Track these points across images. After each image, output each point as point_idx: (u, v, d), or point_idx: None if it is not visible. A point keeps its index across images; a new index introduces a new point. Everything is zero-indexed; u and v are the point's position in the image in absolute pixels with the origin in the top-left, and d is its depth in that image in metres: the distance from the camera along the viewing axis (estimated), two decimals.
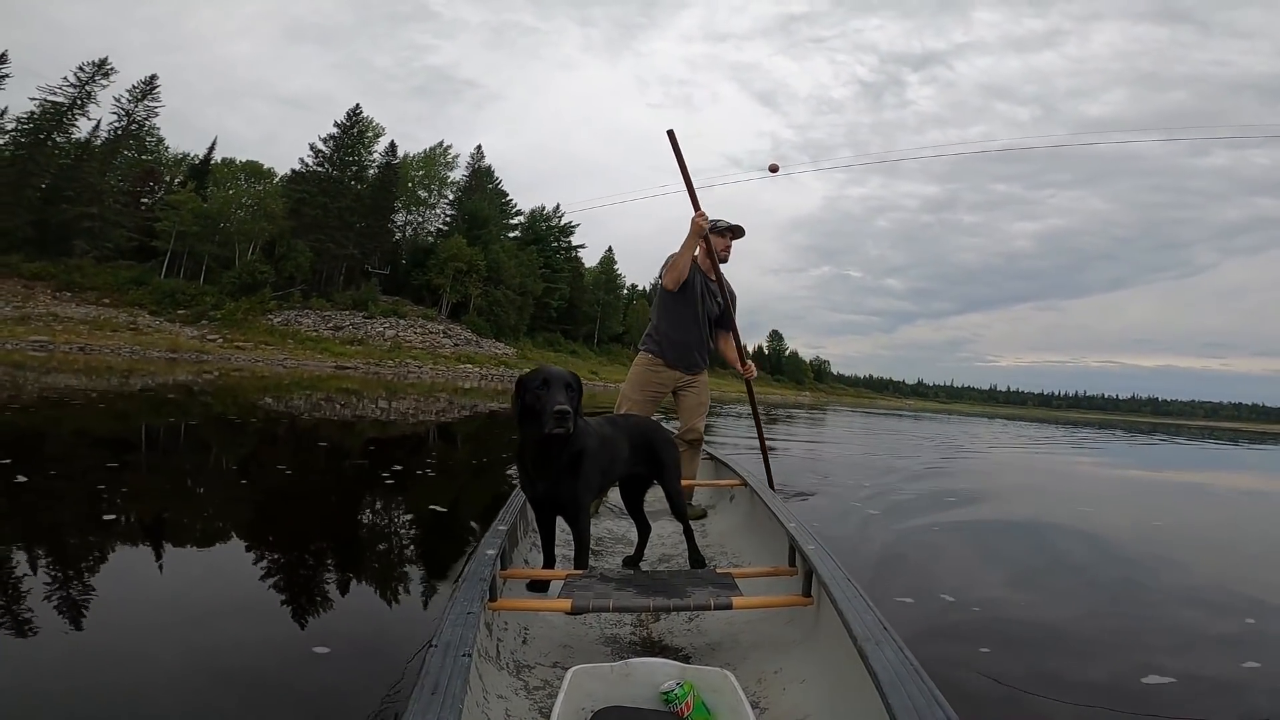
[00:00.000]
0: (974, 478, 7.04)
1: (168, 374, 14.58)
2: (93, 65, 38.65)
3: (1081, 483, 7.72)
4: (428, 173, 50.96)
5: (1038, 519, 4.63)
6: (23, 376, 10.89)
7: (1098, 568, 3.31)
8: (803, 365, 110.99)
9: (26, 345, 21.59)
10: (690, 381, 3.22)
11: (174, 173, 44.30)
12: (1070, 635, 2.20)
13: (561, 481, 1.83)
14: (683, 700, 1.27)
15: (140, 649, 1.71)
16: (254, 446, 5.84)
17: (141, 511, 3.14)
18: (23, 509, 3.01)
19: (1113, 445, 16.83)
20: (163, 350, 25.15)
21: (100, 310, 30.87)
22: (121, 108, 39.68)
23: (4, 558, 2.30)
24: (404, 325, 38.89)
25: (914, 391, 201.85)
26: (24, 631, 1.74)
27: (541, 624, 1.81)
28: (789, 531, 1.91)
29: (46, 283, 32.32)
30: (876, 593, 1.65)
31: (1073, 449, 13.95)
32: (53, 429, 5.70)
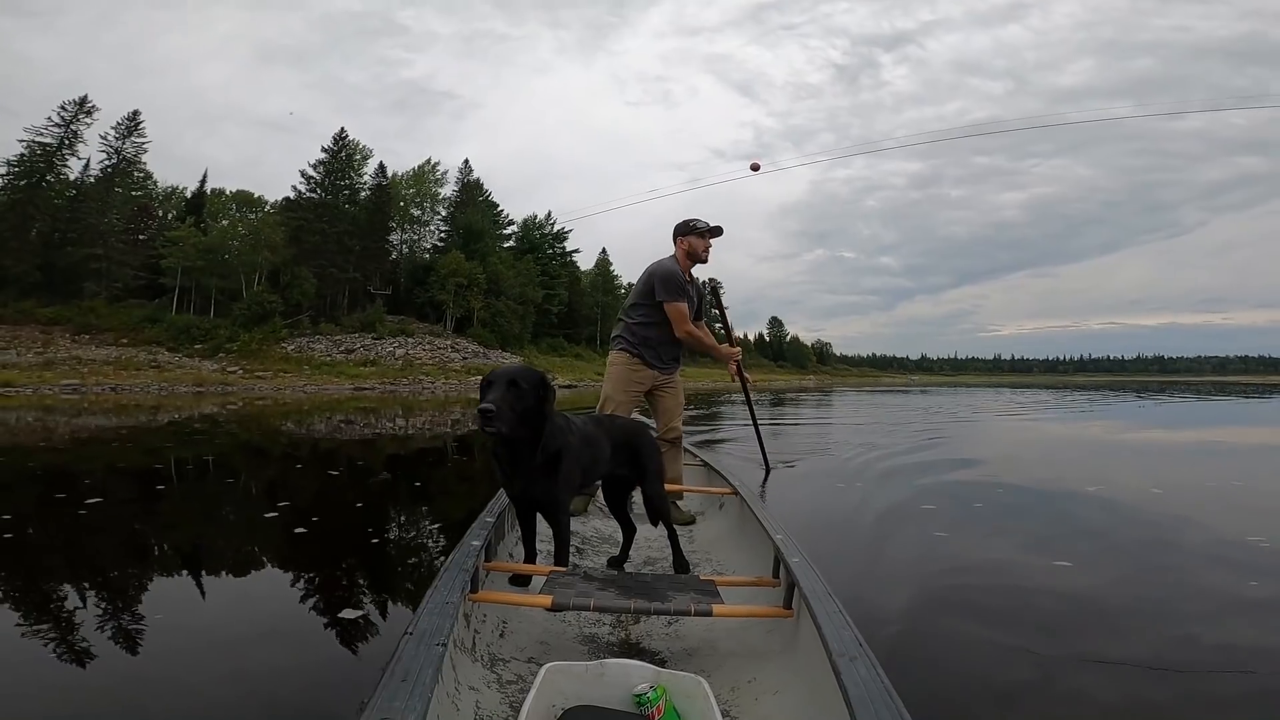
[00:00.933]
0: (973, 445, 7.31)
1: (194, 407, 15.23)
2: (74, 104, 39.14)
3: (1093, 448, 7.95)
4: (419, 190, 51.91)
5: (1055, 486, 4.80)
6: (63, 419, 11.44)
7: (1118, 532, 3.41)
8: (804, 349, 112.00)
9: (59, 389, 22.50)
10: (667, 381, 3.28)
11: (166, 207, 44.97)
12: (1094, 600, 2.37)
13: (537, 480, 1.84)
14: (654, 704, 1.27)
15: (173, 667, 1.86)
16: (281, 470, 6.11)
17: (173, 536, 3.39)
18: (72, 537, 3.29)
19: (1132, 408, 17.20)
20: (189, 385, 26.08)
21: (120, 350, 31.77)
22: (110, 145, 40.34)
23: (53, 588, 2.51)
24: (413, 343, 39.85)
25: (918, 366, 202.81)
26: (71, 658, 1.87)
27: (520, 618, 1.82)
28: (775, 543, 1.90)
29: (64, 326, 33.17)
30: (874, 593, 1.97)
31: (1083, 414, 14.22)
32: (95, 464, 6.07)
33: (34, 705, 1.65)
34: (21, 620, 2.17)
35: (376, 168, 46.73)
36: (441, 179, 53.03)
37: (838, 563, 2.70)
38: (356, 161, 45.83)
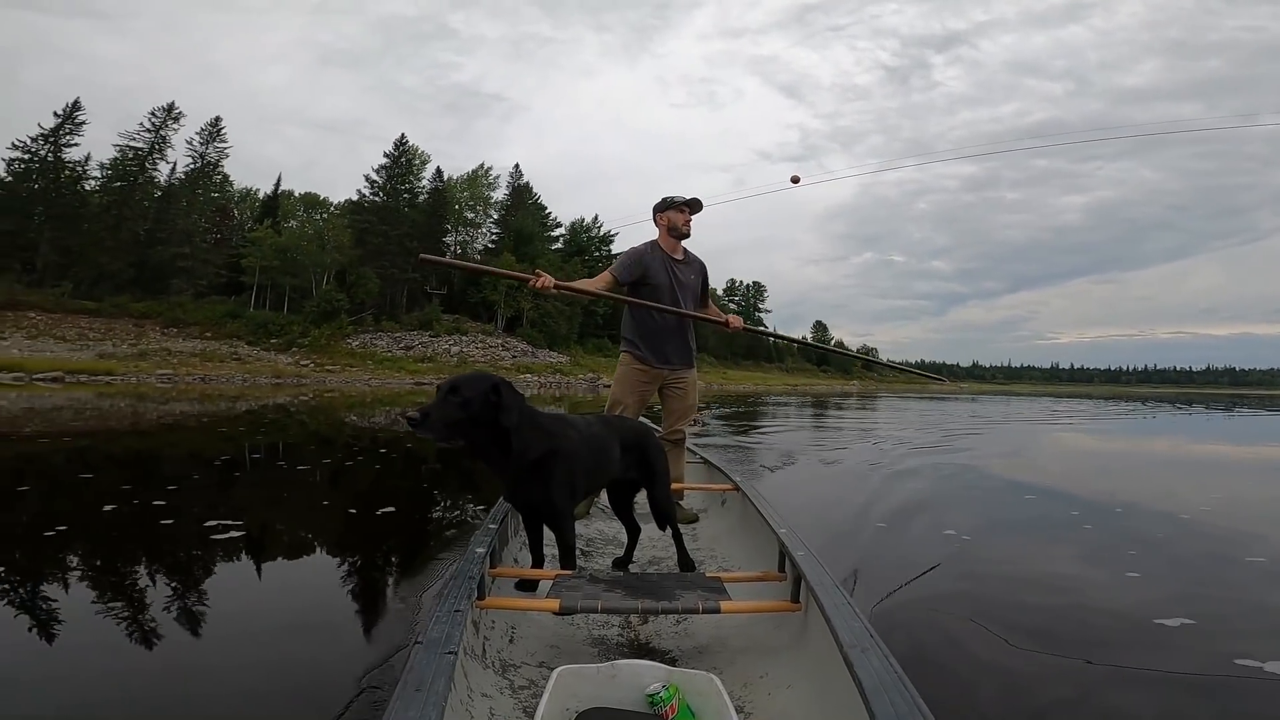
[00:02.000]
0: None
1: (270, 397, 16.68)
2: (163, 110, 42.42)
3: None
4: (472, 194, 54.10)
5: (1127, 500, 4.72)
6: (157, 405, 12.87)
7: (1176, 545, 3.38)
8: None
9: (155, 378, 24.94)
10: (677, 379, 3.10)
11: (242, 209, 48.21)
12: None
13: (527, 486, 1.82)
14: (668, 703, 1.27)
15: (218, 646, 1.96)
16: (347, 455, 6.57)
17: (232, 521, 3.48)
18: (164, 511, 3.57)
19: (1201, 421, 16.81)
20: (268, 377, 28.37)
21: (204, 343, 34.57)
22: (195, 150, 43.34)
23: (123, 569, 2.67)
24: (466, 341, 41.83)
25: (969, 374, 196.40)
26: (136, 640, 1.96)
27: (529, 623, 1.83)
28: (779, 537, 1.91)
29: (154, 320, 36.19)
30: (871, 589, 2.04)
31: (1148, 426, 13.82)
32: (183, 448, 7.03)
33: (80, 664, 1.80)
34: (91, 598, 2.33)
35: (434, 172, 49.20)
36: (493, 183, 55.25)
37: (850, 553, 2.92)
38: (416, 166, 48.30)
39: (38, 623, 2.09)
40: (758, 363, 76.06)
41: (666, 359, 3.06)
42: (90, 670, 1.78)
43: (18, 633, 1.99)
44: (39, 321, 33.11)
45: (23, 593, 2.37)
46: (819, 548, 1.82)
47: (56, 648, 1.93)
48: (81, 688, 1.68)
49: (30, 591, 2.38)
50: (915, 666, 1.26)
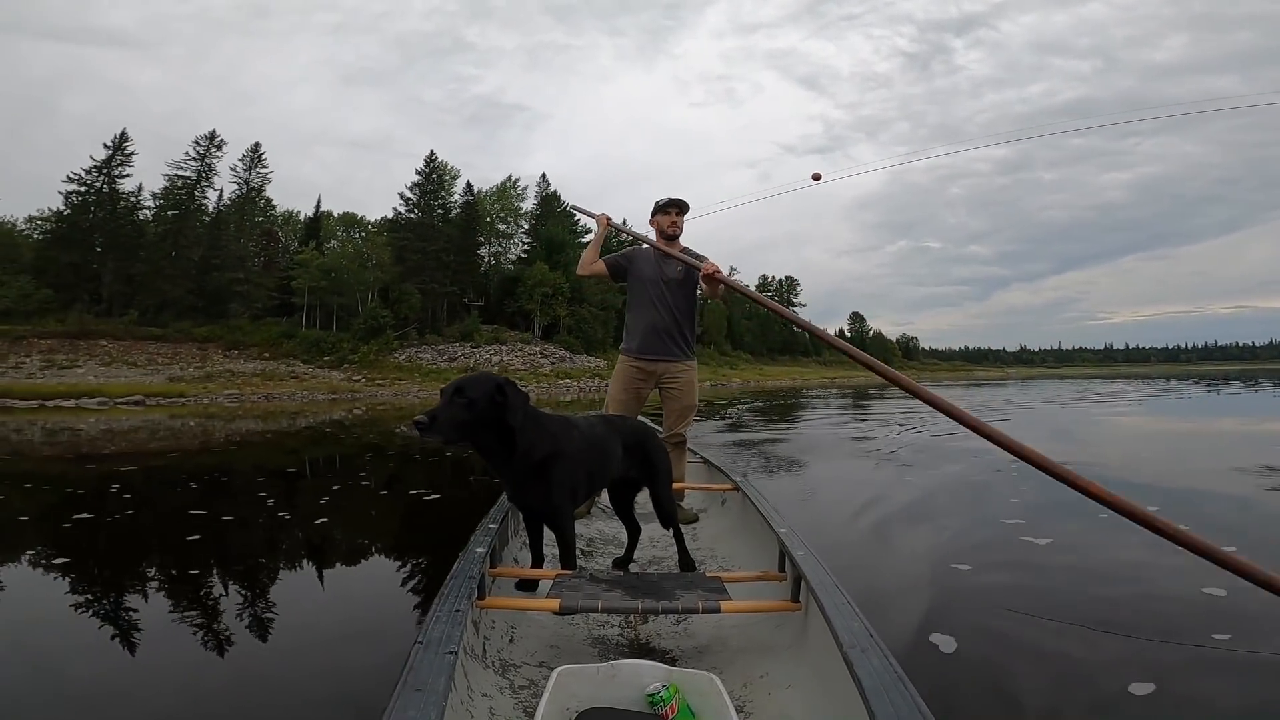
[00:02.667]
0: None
1: (327, 412, 17.57)
2: (206, 139, 44.35)
3: None
4: (502, 205, 55.42)
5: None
6: (225, 424, 13.89)
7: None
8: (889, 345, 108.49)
9: (223, 398, 26.57)
10: (674, 375, 3.07)
11: (286, 231, 50.11)
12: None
13: (529, 487, 1.83)
14: (668, 703, 1.28)
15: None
16: (397, 467, 6.89)
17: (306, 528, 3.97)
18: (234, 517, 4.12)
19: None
20: (325, 393, 29.86)
21: (264, 364, 36.45)
22: (239, 177, 45.36)
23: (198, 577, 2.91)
24: (506, 350, 43.05)
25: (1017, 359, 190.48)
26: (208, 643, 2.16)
27: (529, 623, 1.84)
28: (779, 537, 1.92)
29: (216, 343, 38.21)
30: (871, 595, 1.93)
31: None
32: (251, 461, 7.72)
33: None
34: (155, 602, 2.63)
35: (464, 186, 50.64)
36: (522, 194, 56.49)
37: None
38: (447, 182, 49.80)
39: (116, 626, 2.37)
40: (794, 357, 75.61)
41: (658, 351, 3.05)
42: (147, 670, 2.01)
43: (102, 634, 2.29)
44: (111, 349, 35.44)
45: (109, 600, 2.68)
46: (818, 546, 1.82)
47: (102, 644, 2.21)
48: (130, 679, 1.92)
49: (114, 599, 2.68)
50: (915, 666, 1.25)
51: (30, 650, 2.17)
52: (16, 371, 30.83)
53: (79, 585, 2.89)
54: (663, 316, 3.05)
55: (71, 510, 4.40)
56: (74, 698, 1.83)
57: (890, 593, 2.53)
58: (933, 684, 1.57)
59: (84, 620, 2.44)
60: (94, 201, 40.87)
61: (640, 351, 3.04)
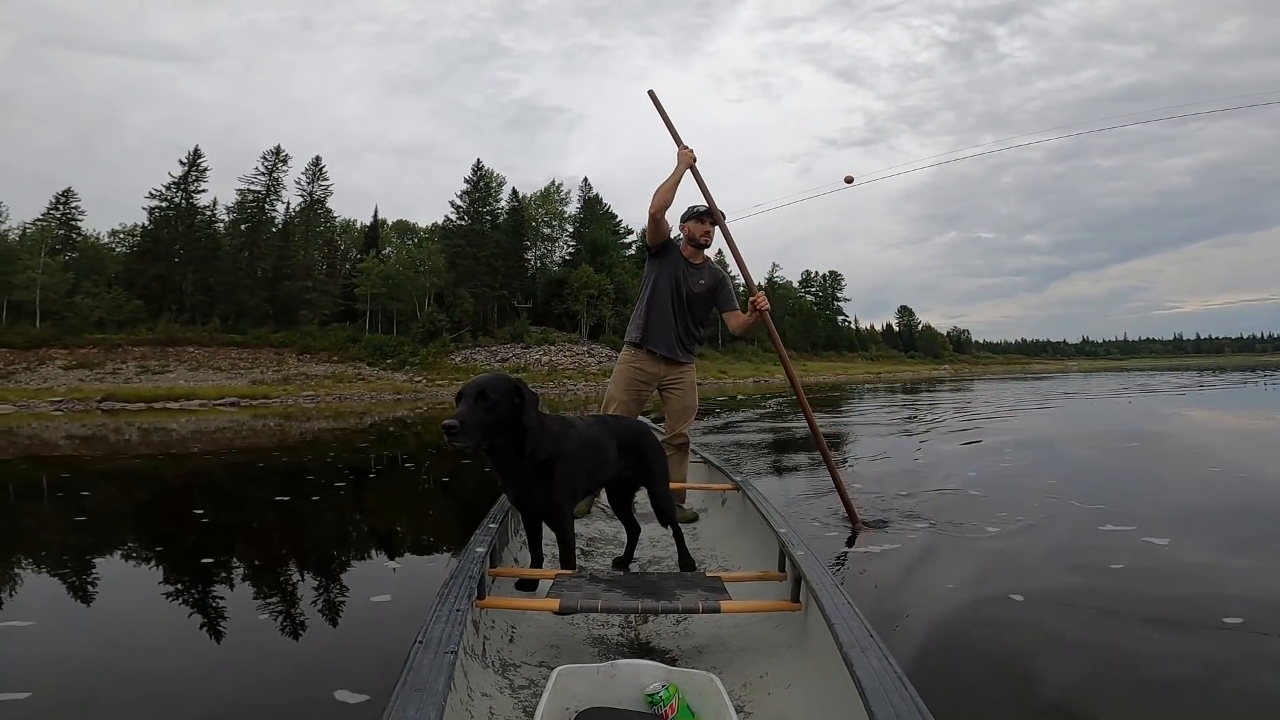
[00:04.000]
0: None
1: (391, 411, 18.82)
2: (272, 154, 47.54)
3: None
4: (547, 210, 57.27)
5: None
6: (303, 423, 15.01)
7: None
8: (939, 338, 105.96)
9: (301, 399, 28.93)
10: (676, 377, 3.10)
11: (344, 239, 52.78)
12: None
13: (532, 487, 1.84)
14: (668, 702, 1.28)
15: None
16: (455, 463, 7.09)
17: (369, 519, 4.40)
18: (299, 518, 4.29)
19: None
20: (390, 394, 32.07)
21: (333, 366, 39.16)
22: (303, 190, 48.22)
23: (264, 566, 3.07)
24: (555, 351, 44.83)
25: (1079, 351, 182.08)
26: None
27: (529, 623, 1.86)
28: (779, 536, 1.92)
29: (290, 348, 41.11)
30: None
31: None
32: (328, 455, 8.32)
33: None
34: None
35: (510, 193, 52.70)
36: (565, 198, 58.28)
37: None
38: (493, 189, 51.94)
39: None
40: (839, 352, 75.09)
41: (674, 351, 3.05)
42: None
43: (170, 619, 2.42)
44: (197, 355, 38.69)
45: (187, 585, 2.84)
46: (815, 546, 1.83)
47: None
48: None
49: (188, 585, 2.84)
50: (916, 667, 1.21)
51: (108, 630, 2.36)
52: (114, 377, 34.21)
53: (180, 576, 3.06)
54: (680, 323, 3.09)
55: (241, 488, 5.60)
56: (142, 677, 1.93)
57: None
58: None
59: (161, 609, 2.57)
60: (174, 216, 44.41)
61: (656, 347, 3.05)
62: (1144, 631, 2.07)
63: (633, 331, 3.10)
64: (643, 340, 3.04)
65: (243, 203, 46.82)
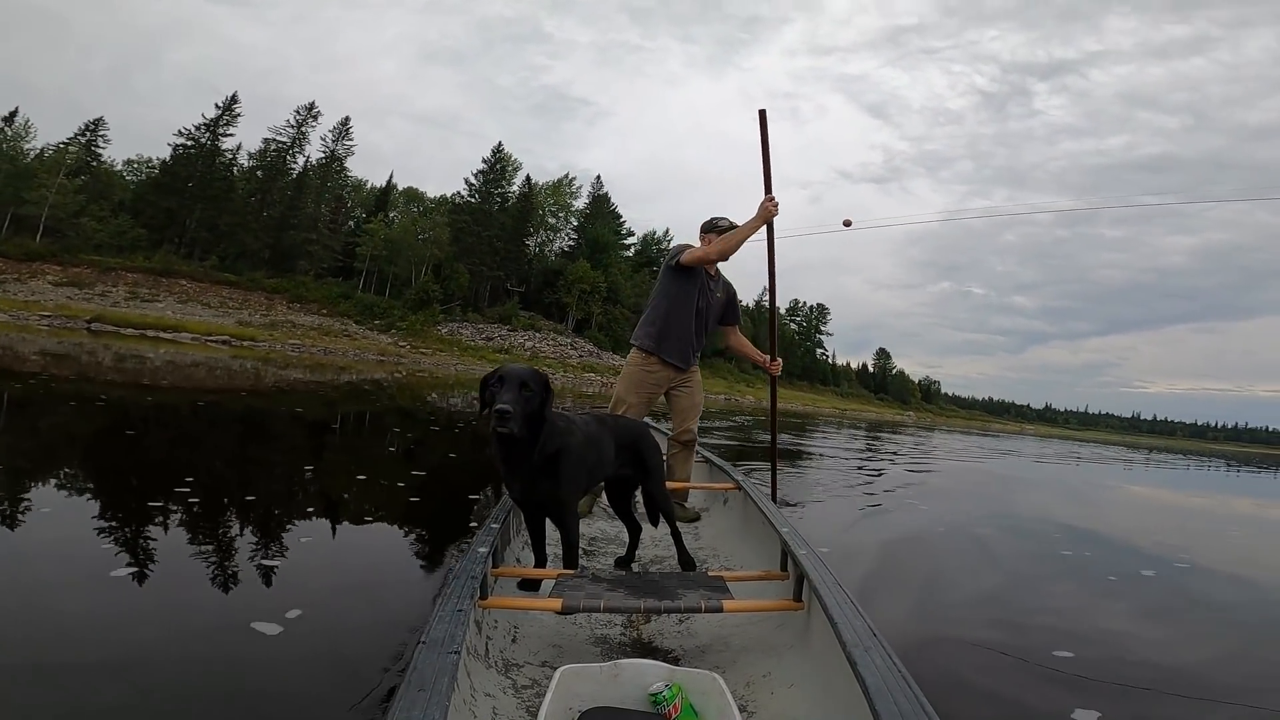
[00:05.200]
0: None
1: (371, 371, 19.71)
2: (305, 109, 48.42)
3: None
4: (556, 200, 58.36)
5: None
6: (282, 370, 15.81)
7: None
8: (909, 385, 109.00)
9: (286, 348, 29.76)
10: (684, 380, 3.15)
11: (353, 196, 53.29)
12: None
13: (539, 481, 1.84)
14: (670, 702, 1.28)
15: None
16: (423, 432, 7.49)
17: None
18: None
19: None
20: (374, 354, 33.07)
21: (321, 319, 39.97)
22: (328, 146, 49.07)
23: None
24: (539, 338, 46.11)
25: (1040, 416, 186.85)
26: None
27: (532, 623, 1.86)
28: (781, 536, 1.92)
29: (282, 295, 41.83)
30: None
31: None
32: (295, 405, 9.26)
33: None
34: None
35: (524, 179, 53.80)
36: (576, 192, 59.48)
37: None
38: (509, 172, 53.02)
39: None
40: (812, 384, 76.96)
41: (683, 358, 3.08)
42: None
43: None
44: (189, 288, 39.28)
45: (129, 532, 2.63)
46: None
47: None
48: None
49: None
50: (918, 666, 1.24)
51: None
52: (103, 299, 34.65)
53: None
54: (698, 332, 3.11)
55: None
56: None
57: None
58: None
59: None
60: (196, 155, 45.02)
61: (669, 356, 3.05)
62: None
63: (646, 339, 3.06)
64: (659, 349, 3.04)
65: (265, 151, 47.55)
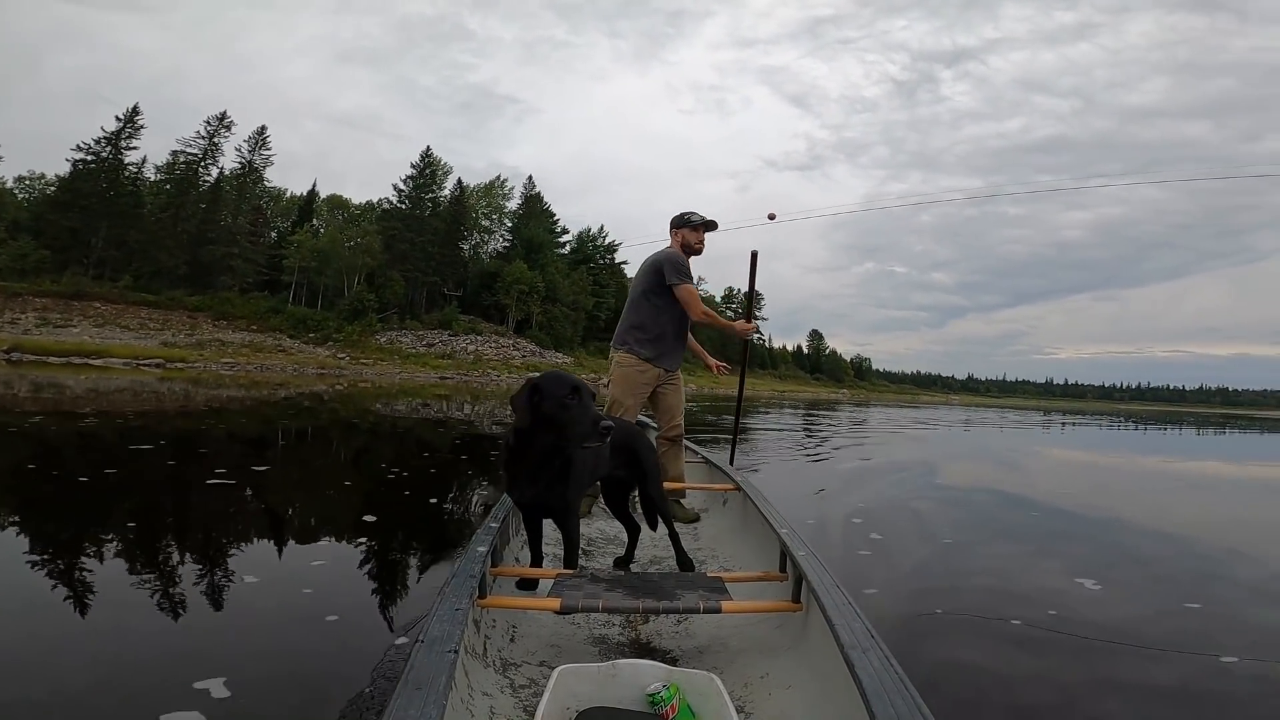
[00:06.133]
0: None
1: (311, 385, 19.46)
2: (216, 119, 46.66)
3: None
4: (488, 203, 58.41)
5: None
6: (216, 390, 14.92)
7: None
8: (842, 364, 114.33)
9: (219, 367, 29.05)
10: (670, 379, 3.24)
11: (273, 208, 51.87)
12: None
13: (553, 486, 1.86)
14: (668, 702, 1.28)
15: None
16: (366, 441, 7.48)
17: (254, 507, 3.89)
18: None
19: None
20: (314, 368, 32.62)
21: (251, 335, 38.84)
22: (243, 157, 47.52)
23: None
24: (481, 341, 46.22)
25: (964, 387, 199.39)
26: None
27: (530, 622, 1.87)
28: (780, 537, 1.93)
29: (205, 313, 40.34)
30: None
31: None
32: (237, 425, 8.89)
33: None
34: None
35: (455, 183, 53.59)
36: (508, 194, 59.70)
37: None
38: (439, 177, 52.68)
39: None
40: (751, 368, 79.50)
41: (670, 361, 3.19)
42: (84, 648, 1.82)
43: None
44: (104, 311, 37.39)
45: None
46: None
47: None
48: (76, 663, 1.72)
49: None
50: (916, 667, 1.27)
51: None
52: (13, 327, 32.59)
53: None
54: (682, 330, 3.26)
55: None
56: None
57: None
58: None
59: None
60: (98, 170, 42.67)
61: (657, 359, 3.16)
62: None
63: (640, 348, 3.16)
64: (656, 361, 3.17)
65: (174, 163, 45.54)
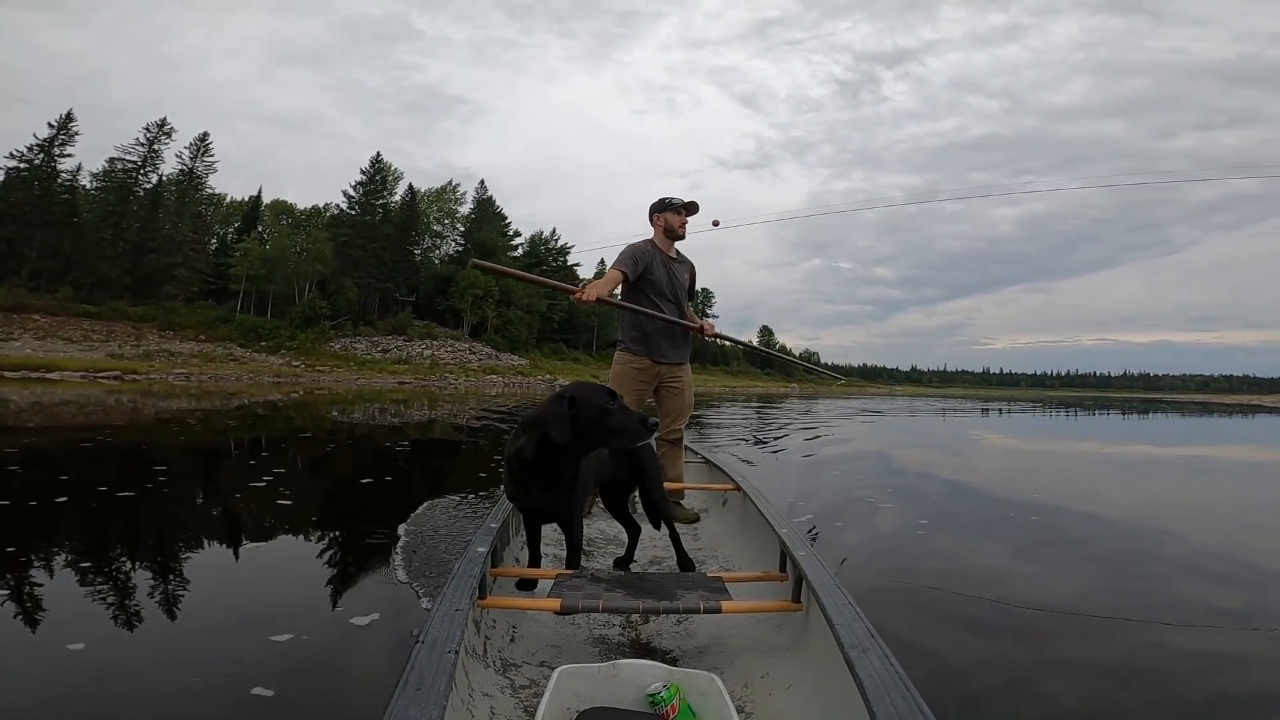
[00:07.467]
0: None
1: (265, 394, 19.43)
2: (155, 126, 45.70)
3: None
4: (440, 208, 58.84)
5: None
6: (193, 400, 15.10)
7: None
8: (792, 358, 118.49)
9: (171, 377, 29.12)
10: (673, 376, 3.15)
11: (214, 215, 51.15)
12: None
13: (564, 494, 1.87)
14: (669, 702, 1.28)
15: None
16: (325, 450, 7.48)
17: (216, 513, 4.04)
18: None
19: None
20: (269, 376, 32.85)
21: (200, 345, 38.60)
22: (185, 164, 46.74)
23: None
24: (437, 345, 46.93)
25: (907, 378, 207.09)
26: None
27: (530, 623, 1.87)
28: (780, 537, 1.93)
29: (150, 324, 39.74)
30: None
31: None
32: (193, 436, 8.77)
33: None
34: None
35: (406, 189, 53.94)
36: (460, 198, 60.22)
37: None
38: (390, 183, 52.94)
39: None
40: (703, 365, 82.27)
41: (663, 354, 3.12)
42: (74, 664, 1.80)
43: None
44: (45, 324, 36.62)
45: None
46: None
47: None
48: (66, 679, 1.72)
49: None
50: (917, 667, 1.26)
51: None
52: None
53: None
54: (676, 313, 3.14)
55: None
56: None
57: None
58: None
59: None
60: (30, 178, 41.41)
61: (646, 350, 3.10)
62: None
63: (631, 343, 3.14)
64: (647, 352, 3.12)
65: (112, 170, 44.48)
